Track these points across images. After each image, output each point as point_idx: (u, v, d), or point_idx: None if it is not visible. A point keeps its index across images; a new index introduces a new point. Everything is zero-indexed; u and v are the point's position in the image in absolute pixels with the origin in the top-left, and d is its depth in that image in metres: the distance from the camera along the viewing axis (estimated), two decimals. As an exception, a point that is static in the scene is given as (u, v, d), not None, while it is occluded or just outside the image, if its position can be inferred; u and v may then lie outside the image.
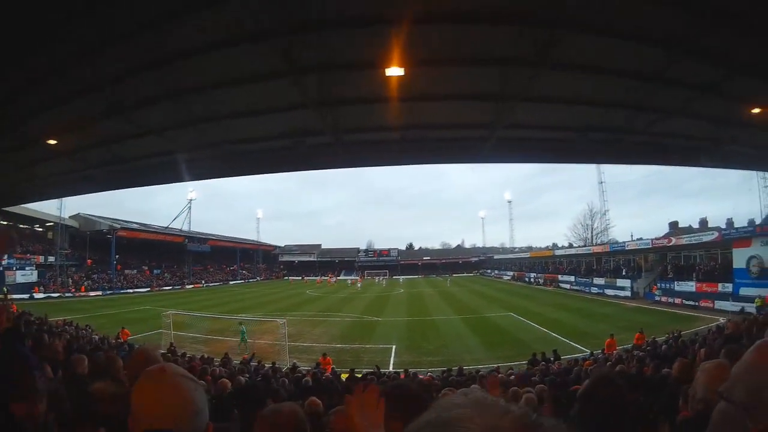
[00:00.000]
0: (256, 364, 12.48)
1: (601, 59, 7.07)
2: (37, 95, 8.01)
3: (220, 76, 7.36)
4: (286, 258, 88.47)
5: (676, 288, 30.14)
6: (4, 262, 35.94)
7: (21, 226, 43.16)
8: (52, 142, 10.45)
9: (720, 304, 24.92)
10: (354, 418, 1.22)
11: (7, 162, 13.14)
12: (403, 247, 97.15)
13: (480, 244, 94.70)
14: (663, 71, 7.31)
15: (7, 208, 29.76)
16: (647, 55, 6.89)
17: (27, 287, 37.45)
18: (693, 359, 6.49)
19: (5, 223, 33.88)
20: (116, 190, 18.04)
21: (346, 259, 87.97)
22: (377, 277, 70.31)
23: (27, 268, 39.76)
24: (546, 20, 5.89)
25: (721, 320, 18.73)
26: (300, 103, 8.03)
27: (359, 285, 55.97)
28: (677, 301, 28.52)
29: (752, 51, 6.55)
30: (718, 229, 31.06)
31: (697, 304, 26.72)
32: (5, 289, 31.28)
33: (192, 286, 56.34)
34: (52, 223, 44.62)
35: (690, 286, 29.07)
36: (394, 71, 7.12)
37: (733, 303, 23.97)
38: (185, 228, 62.89)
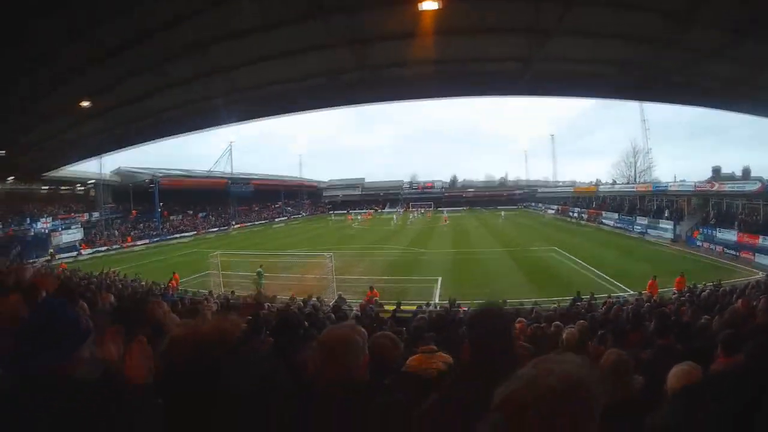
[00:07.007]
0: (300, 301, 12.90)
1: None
2: (66, 59, 8.22)
3: (248, 23, 7.31)
4: (330, 194, 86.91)
5: (718, 236, 29.15)
6: (48, 225, 37.06)
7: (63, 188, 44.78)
8: (85, 104, 10.74)
9: (760, 258, 23.67)
10: None
11: (42, 131, 13.81)
12: (447, 180, 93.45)
13: (523, 178, 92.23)
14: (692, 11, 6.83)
15: (46, 174, 31.06)
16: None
17: (75, 246, 36.94)
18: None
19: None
20: (155, 143, 18.68)
21: (390, 192, 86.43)
22: (413, 212, 66.49)
23: (73, 227, 39.49)
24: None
25: (761, 274, 18.09)
26: (331, 42, 7.90)
27: (359, 219, 56.63)
28: (718, 249, 27.62)
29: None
30: (760, 179, 29.27)
31: (737, 254, 25.72)
32: (51, 251, 32.22)
33: (238, 225, 54.83)
34: (93, 181, 44.59)
35: (731, 234, 28.07)
36: (429, 5, 6.88)
37: (774, 259, 22.75)
38: (227, 171, 61.55)
